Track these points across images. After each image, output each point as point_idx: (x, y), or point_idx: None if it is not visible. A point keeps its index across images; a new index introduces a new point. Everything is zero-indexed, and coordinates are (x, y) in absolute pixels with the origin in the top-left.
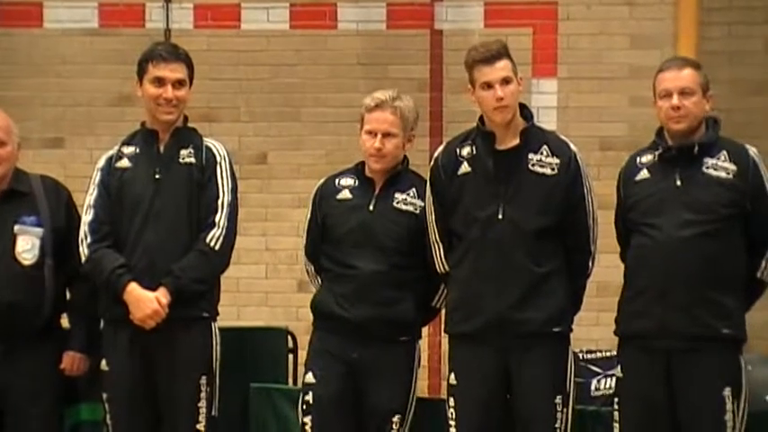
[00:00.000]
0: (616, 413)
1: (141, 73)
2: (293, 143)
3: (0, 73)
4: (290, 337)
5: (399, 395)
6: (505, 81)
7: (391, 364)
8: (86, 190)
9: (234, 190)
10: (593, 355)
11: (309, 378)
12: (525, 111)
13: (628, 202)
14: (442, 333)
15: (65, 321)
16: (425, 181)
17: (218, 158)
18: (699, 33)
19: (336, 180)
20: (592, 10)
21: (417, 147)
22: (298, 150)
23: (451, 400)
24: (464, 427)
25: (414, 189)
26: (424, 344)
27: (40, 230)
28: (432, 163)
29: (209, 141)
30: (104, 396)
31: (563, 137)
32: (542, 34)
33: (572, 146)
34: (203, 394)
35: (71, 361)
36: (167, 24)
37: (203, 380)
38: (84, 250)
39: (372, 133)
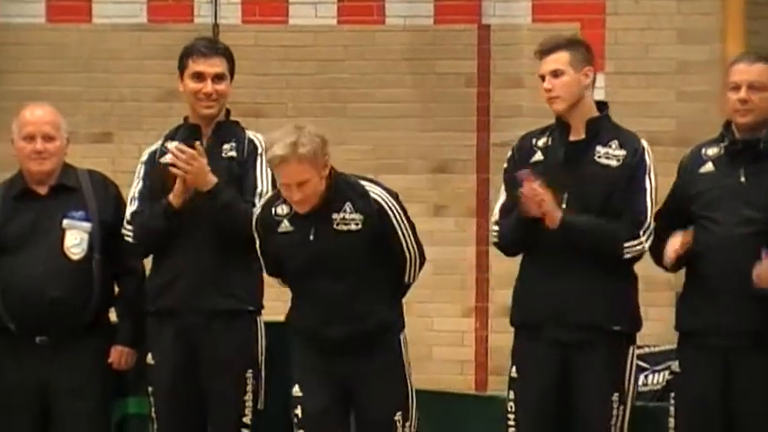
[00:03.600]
0: (672, 408)
1: (182, 68)
2: (340, 139)
3: (49, 68)
4: None
5: (394, 392)
6: (555, 73)
7: (378, 364)
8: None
9: (274, 182)
10: (640, 351)
11: (296, 391)
12: (601, 105)
13: (689, 192)
14: (490, 328)
15: (112, 316)
16: (357, 188)
17: (259, 150)
18: (746, 28)
19: (273, 209)
20: (639, 4)
21: (464, 142)
22: (344, 146)
23: (512, 393)
24: (523, 420)
25: (348, 204)
26: (470, 339)
27: (88, 225)
28: (509, 152)
29: (251, 134)
30: (149, 390)
31: (634, 131)
32: (590, 29)
33: (642, 141)
34: (249, 388)
35: (119, 355)
36: (215, 20)
37: (249, 374)
38: (127, 232)
39: (288, 186)
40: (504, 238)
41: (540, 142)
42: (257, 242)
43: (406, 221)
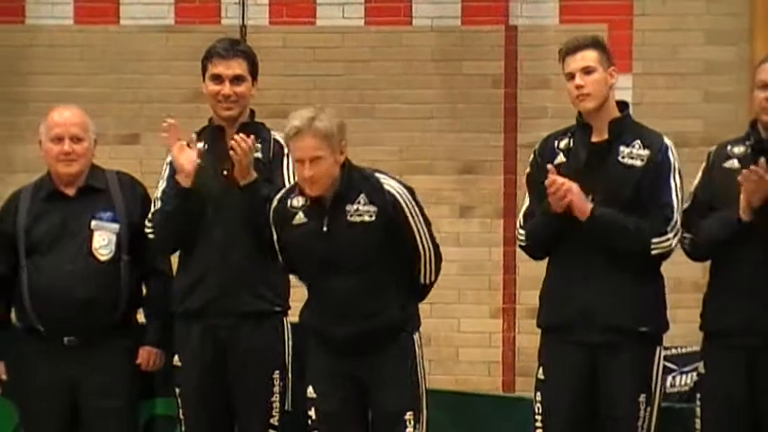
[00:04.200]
0: (698, 409)
1: (204, 71)
2: (367, 139)
3: (76, 69)
4: None
5: (406, 392)
6: (586, 71)
7: (390, 365)
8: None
9: None
10: (668, 352)
11: (311, 392)
12: (622, 105)
13: (713, 186)
14: (517, 329)
15: (139, 317)
16: (372, 180)
17: (285, 150)
18: None
19: (288, 201)
20: (667, 5)
21: (491, 143)
22: (372, 146)
23: (539, 395)
24: (551, 422)
25: (363, 196)
26: (497, 340)
27: (116, 226)
28: (531, 155)
29: (276, 135)
30: (177, 391)
31: (657, 131)
32: (617, 30)
33: (666, 139)
34: (276, 389)
35: (147, 356)
36: (243, 21)
37: (276, 374)
38: (149, 229)
39: (301, 162)
40: (530, 240)
41: (562, 144)
42: (275, 236)
43: (420, 216)
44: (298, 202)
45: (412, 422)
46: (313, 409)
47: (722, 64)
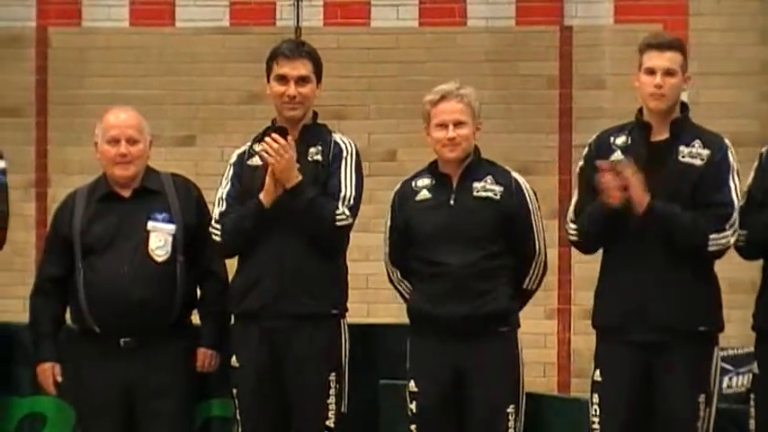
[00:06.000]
0: (752, 410)
1: (268, 71)
2: (422, 140)
3: (132, 71)
4: None
5: (508, 386)
6: (669, 72)
7: (494, 358)
8: (219, 184)
9: (357, 185)
10: (724, 353)
11: (412, 387)
12: (683, 106)
13: (765, 183)
14: (572, 330)
15: (193, 319)
16: (501, 167)
17: (344, 153)
18: None
19: (413, 182)
20: (722, 5)
21: (545, 143)
22: (426, 147)
23: (595, 396)
24: (608, 425)
25: (490, 176)
26: (552, 341)
27: (172, 227)
28: (585, 150)
29: (338, 137)
30: (234, 392)
31: (716, 132)
32: (672, 30)
33: (726, 140)
34: (332, 391)
35: (203, 358)
36: (297, 22)
37: (332, 376)
38: (215, 231)
39: (443, 125)
40: (581, 235)
41: (619, 141)
42: (388, 221)
43: (539, 215)
44: (423, 182)
45: (513, 417)
46: (414, 402)
47: None
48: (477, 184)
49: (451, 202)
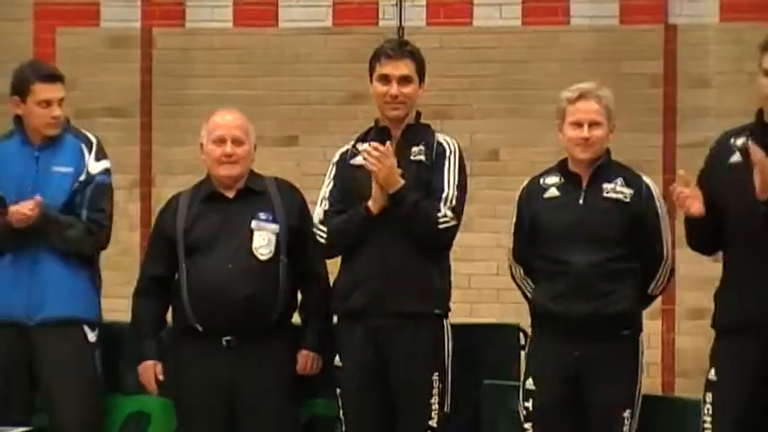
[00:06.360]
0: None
1: (371, 71)
2: (525, 140)
3: (236, 72)
4: (521, 334)
5: (627, 390)
6: None
7: (615, 360)
8: (321, 184)
9: (460, 185)
10: None
11: (530, 385)
12: None
13: None
14: (676, 330)
15: (293, 319)
16: (632, 170)
17: (447, 153)
18: None
19: (541, 179)
20: None
21: (650, 143)
22: (529, 147)
23: (709, 395)
24: (722, 425)
25: (620, 179)
26: (656, 341)
27: (275, 227)
28: (708, 151)
29: (441, 136)
30: (338, 391)
31: None
32: None
33: None
34: (435, 391)
35: (305, 360)
36: (400, 22)
37: (435, 376)
38: (320, 232)
39: (578, 124)
40: (689, 237)
41: (739, 142)
42: (514, 218)
43: (667, 220)
44: (552, 179)
45: (628, 421)
46: (530, 400)
47: None
48: (607, 185)
49: (581, 201)
